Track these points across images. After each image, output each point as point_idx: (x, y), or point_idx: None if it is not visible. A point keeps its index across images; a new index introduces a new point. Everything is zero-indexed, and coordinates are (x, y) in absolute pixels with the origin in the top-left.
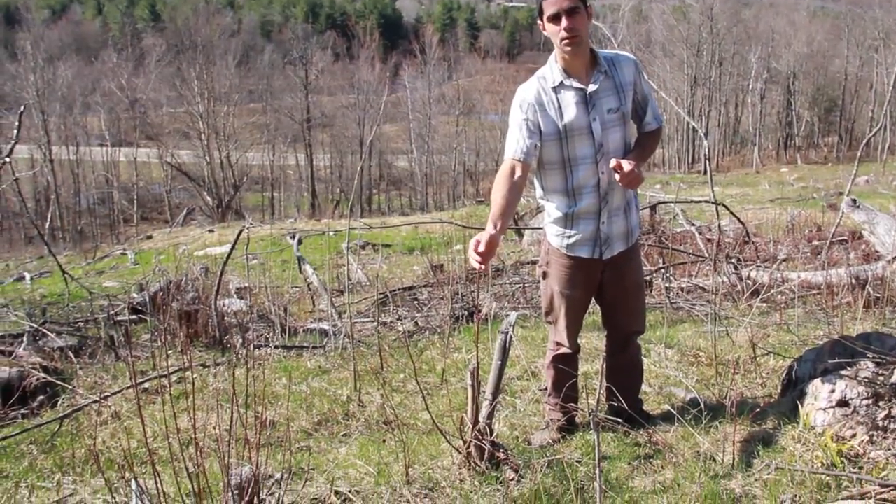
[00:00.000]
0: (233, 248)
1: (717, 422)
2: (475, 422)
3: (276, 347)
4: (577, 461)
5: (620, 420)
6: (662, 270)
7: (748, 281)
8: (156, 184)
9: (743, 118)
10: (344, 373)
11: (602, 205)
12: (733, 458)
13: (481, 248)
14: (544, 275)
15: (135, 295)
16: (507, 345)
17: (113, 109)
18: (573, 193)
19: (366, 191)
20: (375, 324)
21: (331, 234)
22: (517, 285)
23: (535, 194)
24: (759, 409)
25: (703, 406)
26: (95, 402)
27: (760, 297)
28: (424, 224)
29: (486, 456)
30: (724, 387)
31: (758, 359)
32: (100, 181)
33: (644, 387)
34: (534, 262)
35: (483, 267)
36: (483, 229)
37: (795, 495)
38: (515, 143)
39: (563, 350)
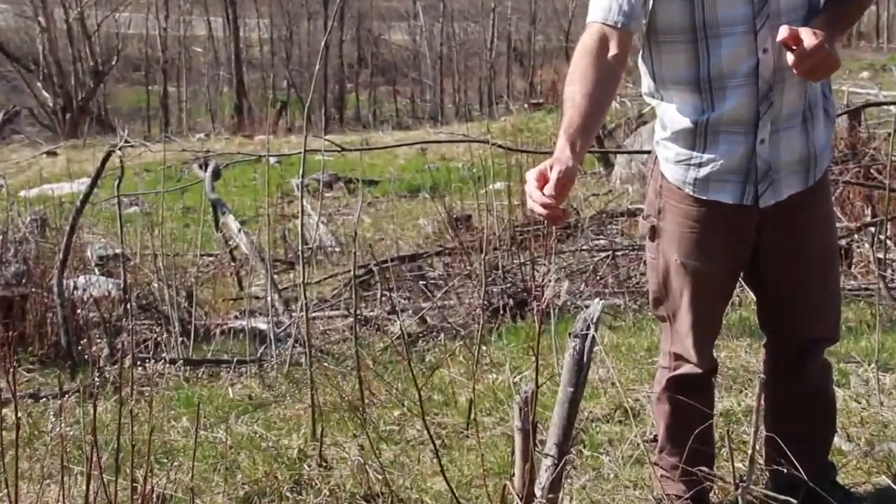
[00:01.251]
0: (93, 184)
1: None
2: (528, 497)
3: (172, 363)
4: None
5: (794, 501)
6: (872, 229)
7: None
8: None
9: None
10: (294, 408)
11: (761, 109)
12: None
13: (550, 188)
14: (653, 233)
15: None
16: (586, 359)
17: None
18: (709, 88)
19: (334, 86)
20: (352, 321)
21: (272, 161)
22: (602, 253)
23: (640, 90)
24: None
25: None
26: None
27: None
28: (438, 145)
29: None
30: None
31: None
32: None
33: (838, 440)
34: (633, 214)
35: (557, 214)
36: (548, 154)
37: None
38: None
39: (687, 368)
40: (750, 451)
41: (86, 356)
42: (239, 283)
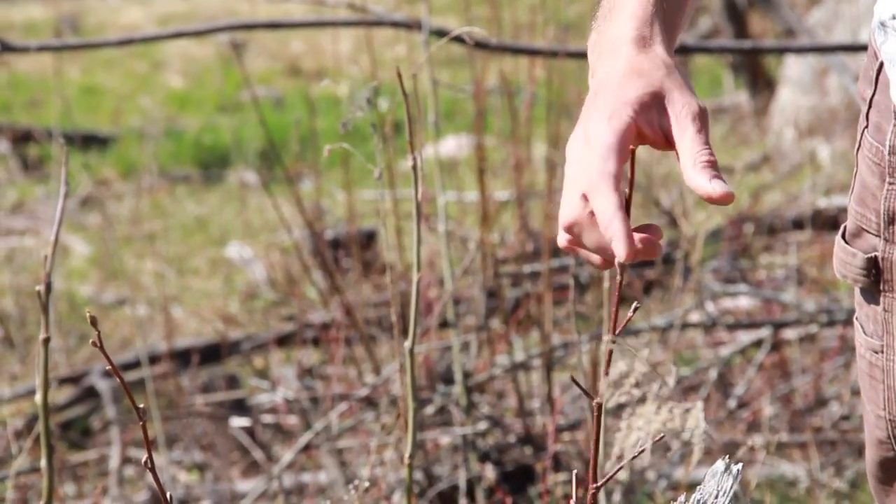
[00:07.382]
0: None
1: None
2: None
3: None
4: None
5: None
6: None
7: None
8: None
9: None
10: None
11: None
12: None
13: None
14: (877, 279)
15: None
16: None
17: None
18: None
19: None
20: None
21: None
22: (746, 334)
23: None
24: None
25: None
26: None
27: None
28: (280, 35)
29: None
30: None
31: None
32: None
33: None
34: (833, 222)
35: (629, 249)
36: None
37: None
38: None
39: None
40: None
41: None
42: None
